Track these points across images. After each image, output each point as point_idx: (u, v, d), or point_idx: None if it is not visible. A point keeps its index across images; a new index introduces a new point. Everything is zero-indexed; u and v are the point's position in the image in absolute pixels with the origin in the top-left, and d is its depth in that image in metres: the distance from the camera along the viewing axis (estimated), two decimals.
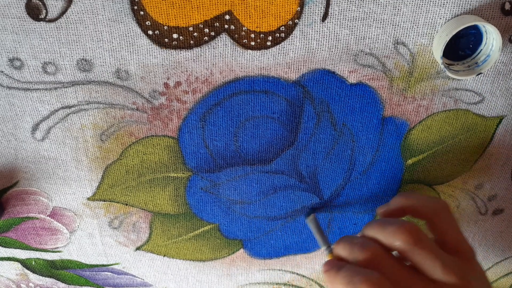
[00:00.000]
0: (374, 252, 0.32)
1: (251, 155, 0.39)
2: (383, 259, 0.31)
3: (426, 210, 0.34)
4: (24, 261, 0.46)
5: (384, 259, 0.31)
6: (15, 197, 0.41)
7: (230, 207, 0.42)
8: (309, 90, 0.36)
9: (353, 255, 0.32)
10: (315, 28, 0.33)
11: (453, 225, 0.34)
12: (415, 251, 0.31)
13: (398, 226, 0.32)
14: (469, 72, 0.34)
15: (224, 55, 0.34)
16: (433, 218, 0.34)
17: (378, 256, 0.31)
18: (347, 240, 0.34)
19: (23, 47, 0.33)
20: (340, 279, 0.31)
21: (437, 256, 0.31)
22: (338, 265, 0.32)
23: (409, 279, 0.31)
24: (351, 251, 0.33)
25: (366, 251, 0.32)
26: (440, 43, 0.32)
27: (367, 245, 0.32)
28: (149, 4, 0.32)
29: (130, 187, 0.41)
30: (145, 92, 0.36)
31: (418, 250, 0.31)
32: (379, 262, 0.31)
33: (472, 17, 0.32)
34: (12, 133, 0.37)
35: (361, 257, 0.32)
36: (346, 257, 0.33)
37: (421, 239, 0.31)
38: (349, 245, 0.33)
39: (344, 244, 0.34)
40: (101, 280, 0.48)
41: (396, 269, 0.31)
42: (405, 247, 0.31)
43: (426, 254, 0.31)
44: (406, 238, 0.31)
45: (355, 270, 0.31)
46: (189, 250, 0.46)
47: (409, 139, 0.39)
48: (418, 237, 0.31)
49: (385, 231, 0.32)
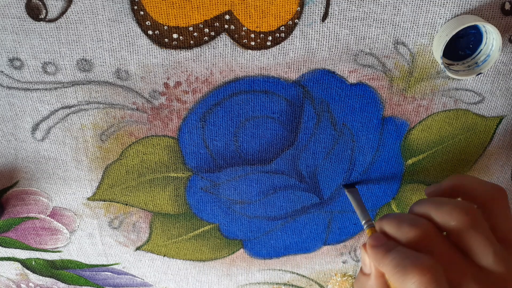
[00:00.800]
0: (426, 230, 0.29)
1: (251, 155, 0.39)
2: (435, 238, 0.29)
3: (481, 193, 0.32)
4: (24, 261, 0.46)
5: (436, 238, 0.29)
6: (15, 197, 0.41)
7: (230, 207, 0.42)
8: (309, 90, 0.36)
9: (401, 232, 0.30)
10: (315, 28, 0.33)
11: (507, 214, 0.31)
12: (471, 234, 0.29)
13: (455, 205, 0.30)
14: (469, 72, 0.34)
15: (224, 55, 0.34)
16: (488, 203, 0.31)
17: (430, 235, 0.29)
18: (394, 216, 0.31)
19: (23, 47, 0.33)
20: (389, 261, 0.29)
21: (491, 243, 0.29)
22: (388, 244, 0.30)
23: (461, 264, 0.29)
24: (398, 228, 0.30)
25: (417, 228, 0.29)
26: (440, 43, 0.32)
27: (418, 222, 0.30)
28: (149, 4, 0.32)
29: (130, 187, 0.41)
30: (145, 92, 0.36)
31: (473, 233, 0.29)
32: (431, 242, 0.29)
33: (472, 17, 0.32)
34: (12, 133, 0.37)
35: (411, 234, 0.29)
36: (393, 234, 0.31)
37: (479, 222, 0.29)
38: (396, 221, 0.31)
39: (390, 220, 0.31)
40: (101, 280, 0.48)
41: (449, 252, 0.29)
42: (461, 228, 0.29)
43: (481, 239, 0.29)
44: (463, 219, 0.29)
45: (406, 253, 0.28)
46: (189, 250, 0.46)
47: (409, 139, 0.39)
48: (476, 219, 0.29)
49: (440, 209, 0.30)
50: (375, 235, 0.32)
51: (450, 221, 0.29)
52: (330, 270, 0.48)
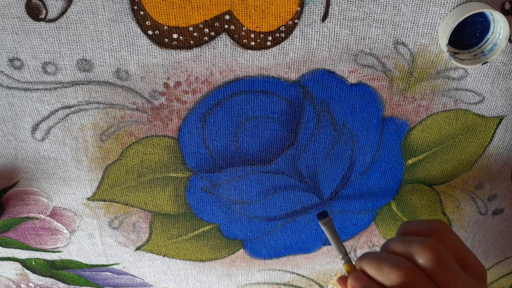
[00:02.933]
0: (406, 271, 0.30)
1: (251, 155, 0.39)
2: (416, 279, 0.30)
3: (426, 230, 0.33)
4: (24, 261, 0.46)
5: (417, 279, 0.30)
6: (15, 197, 0.41)
7: (230, 207, 0.42)
8: (309, 90, 0.36)
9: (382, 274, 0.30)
10: (315, 28, 0.33)
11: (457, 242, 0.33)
12: (439, 270, 0.30)
13: (422, 243, 0.30)
14: (475, 61, 0.33)
15: (224, 55, 0.34)
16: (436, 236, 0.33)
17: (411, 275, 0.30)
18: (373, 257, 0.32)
19: (23, 47, 0.33)
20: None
21: (458, 275, 0.30)
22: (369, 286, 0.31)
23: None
24: (379, 269, 0.31)
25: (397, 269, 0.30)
26: (446, 31, 0.31)
27: (398, 262, 0.30)
28: (149, 4, 0.32)
29: (130, 187, 0.41)
30: (145, 92, 0.36)
31: (441, 269, 0.30)
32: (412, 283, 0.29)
33: (479, 4, 0.31)
34: (12, 133, 0.37)
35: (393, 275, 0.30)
36: (374, 275, 0.31)
37: (445, 257, 0.30)
38: (376, 262, 0.31)
39: (370, 261, 0.32)
40: (101, 280, 0.48)
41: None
42: (429, 265, 0.30)
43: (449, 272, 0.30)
44: (430, 256, 0.30)
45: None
46: (189, 250, 0.46)
47: (409, 139, 0.39)
48: (441, 255, 0.30)
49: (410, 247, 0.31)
50: (356, 275, 0.32)
51: (418, 259, 0.30)
52: (330, 270, 0.48)
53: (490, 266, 0.50)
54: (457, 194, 0.43)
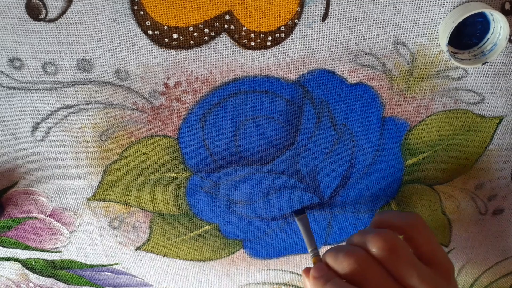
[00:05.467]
0: (359, 259, 0.32)
1: (251, 155, 0.39)
2: (368, 266, 0.31)
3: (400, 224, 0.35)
4: (24, 261, 0.46)
5: (369, 266, 0.31)
6: (15, 197, 0.41)
7: (230, 207, 0.42)
8: (309, 90, 0.36)
9: (338, 262, 0.32)
10: (315, 28, 0.33)
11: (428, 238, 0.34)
12: (391, 259, 0.31)
13: (376, 233, 0.32)
14: (475, 61, 0.33)
15: (224, 55, 0.34)
16: (408, 232, 0.34)
17: (363, 263, 0.31)
18: (334, 247, 0.34)
19: (23, 47, 0.33)
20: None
21: (413, 265, 0.31)
22: (326, 276, 0.32)
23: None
24: (336, 258, 0.33)
25: (350, 258, 0.32)
26: (446, 30, 0.31)
27: (352, 252, 0.32)
28: (149, 4, 0.32)
29: (130, 187, 0.41)
30: (145, 92, 0.36)
31: (394, 258, 0.31)
32: (364, 270, 0.31)
33: (479, 4, 0.31)
34: (12, 133, 0.37)
35: (345, 264, 0.32)
36: (332, 265, 0.33)
37: (397, 247, 0.32)
38: (334, 252, 0.33)
39: (331, 251, 0.34)
40: (101, 280, 0.48)
41: (381, 278, 0.31)
42: (381, 254, 0.31)
43: (402, 262, 0.31)
44: (381, 245, 0.31)
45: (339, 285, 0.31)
46: (189, 250, 0.46)
47: (409, 139, 0.39)
48: (394, 244, 0.32)
49: (365, 238, 0.33)
50: (317, 266, 0.34)
51: (372, 248, 0.32)
52: None
53: (490, 266, 0.50)
54: (457, 194, 0.43)
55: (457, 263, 0.48)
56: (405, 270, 0.31)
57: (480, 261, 0.49)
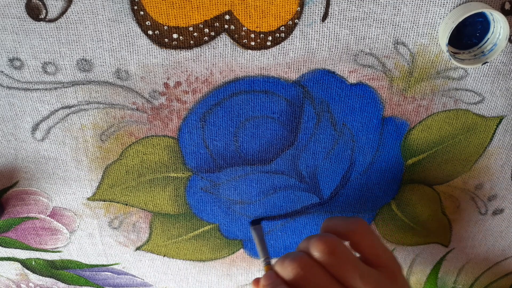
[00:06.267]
0: (302, 264, 0.32)
1: (251, 155, 0.39)
2: (311, 271, 0.32)
3: (344, 230, 0.35)
4: (24, 261, 0.46)
5: (313, 270, 0.32)
6: (15, 197, 0.41)
7: (230, 207, 0.42)
8: (309, 90, 0.36)
9: (283, 268, 0.33)
10: (315, 28, 0.33)
11: (371, 241, 0.35)
12: (333, 261, 0.32)
13: (318, 237, 0.33)
14: (475, 61, 0.33)
15: (224, 55, 0.34)
16: (352, 238, 0.35)
17: (306, 268, 0.32)
18: (284, 255, 0.34)
19: (23, 47, 0.33)
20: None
21: (355, 266, 0.32)
22: (274, 284, 0.33)
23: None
24: (282, 265, 0.33)
25: (294, 263, 0.32)
26: (446, 30, 0.32)
27: (296, 257, 0.33)
28: (149, 4, 0.32)
29: (130, 187, 0.41)
30: (145, 92, 0.36)
31: (335, 260, 0.32)
32: (307, 274, 0.32)
33: (479, 4, 0.31)
34: (12, 133, 0.37)
35: (289, 269, 0.32)
36: (279, 272, 0.34)
37: (337, 250, 0.32)
38: (282, 259, 0.34)
39: (279, 258, 0.34)
40: (101, 280, 0.48)
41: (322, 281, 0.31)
42: (323, 257, 0.32)
43: (344, 264, 0.32)
44: (322, 248, 0.32)
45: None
46: (189, 250, 0.46)
47: (409, 139, 0.39)
48: (334, 247, 0.32)
49: (308, 243, 0.33)
50: (266, 274, 0.35)
51: (314, 252, 0.33)
52: None
53: (490, 266, 0.50)
54: (457, 194, 0.43)
55: (457, 263, 0.49)
56: (347, 272, 0.32)
57: (480, 261, 0.49)
